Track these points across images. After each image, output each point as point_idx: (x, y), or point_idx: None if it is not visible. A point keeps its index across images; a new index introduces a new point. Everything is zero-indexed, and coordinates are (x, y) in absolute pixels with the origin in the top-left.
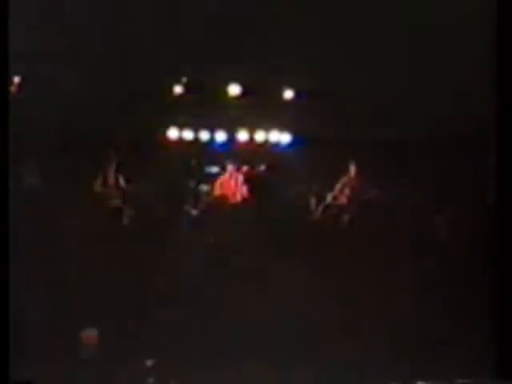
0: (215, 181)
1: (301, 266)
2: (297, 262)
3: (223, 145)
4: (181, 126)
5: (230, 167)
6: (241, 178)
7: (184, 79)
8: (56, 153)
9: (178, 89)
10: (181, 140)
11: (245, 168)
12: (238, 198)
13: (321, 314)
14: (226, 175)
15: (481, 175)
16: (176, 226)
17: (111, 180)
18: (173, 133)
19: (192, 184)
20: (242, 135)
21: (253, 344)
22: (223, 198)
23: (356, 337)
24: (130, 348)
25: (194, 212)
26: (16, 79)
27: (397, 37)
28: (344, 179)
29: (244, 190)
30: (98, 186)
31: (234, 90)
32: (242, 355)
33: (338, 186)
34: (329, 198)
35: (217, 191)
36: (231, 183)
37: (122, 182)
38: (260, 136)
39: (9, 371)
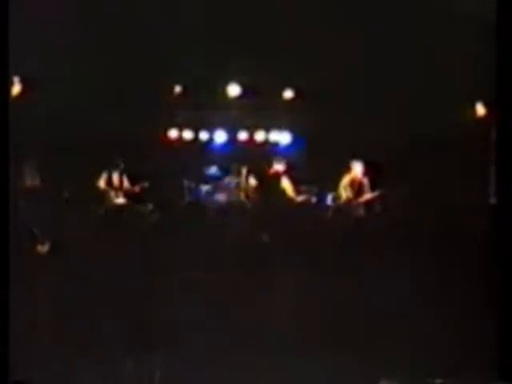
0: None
1: (304, 267)
2: (301, 262)
3: (223, 145)
4: (181, 126)
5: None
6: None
7: (184, 79)
8: (56, 153)
9: (178, 89)
10: (180, 140)
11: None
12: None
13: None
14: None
15: (481, 175)
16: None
17: (116, 181)
18: (173, 133)
19: (193, 185)
20: (242, 135)
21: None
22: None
23: (355, 336)
24: None
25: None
26: (16, 79)
27: (396, 37)
28: (345, 179)
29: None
30: (101, 184)
31: (234, 90)
32: None
33: (340, 187)
34: (329, 198)
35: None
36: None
37: (126, 183)
38: (260, 136)
39: (9, 371)
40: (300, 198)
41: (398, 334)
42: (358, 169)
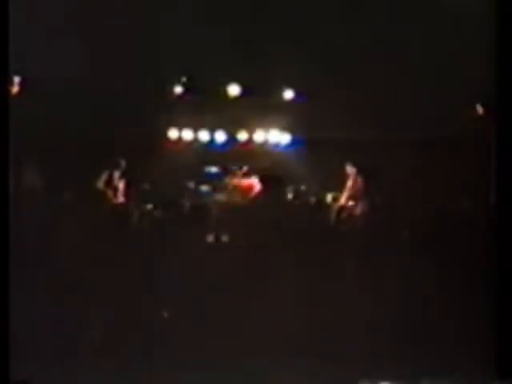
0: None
1: (307, 268)
2: (303, 263)
3: (223, 145)
4: (181, 126)
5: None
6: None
7: (184, 79)
8: (56, 153)
9: (178, 89)
10: (180, 140)
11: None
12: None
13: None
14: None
15: (481, 175)
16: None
17: (117, 181)
18: (173, 133)
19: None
20: (242, 135)
21: None
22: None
23: (356, 335)
24: None
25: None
26: (16, 79)
27: (396, 37)
28: (348, 181)
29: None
30: (100, 184)
31: (234, 90)
32: None
33: (345, 189)
34: (329, 198)
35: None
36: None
37: (122, 186)
38: (260, 136)
39: (9, 371)
40: (299, 199)
41: (396, 333)
42: (356, 170)
